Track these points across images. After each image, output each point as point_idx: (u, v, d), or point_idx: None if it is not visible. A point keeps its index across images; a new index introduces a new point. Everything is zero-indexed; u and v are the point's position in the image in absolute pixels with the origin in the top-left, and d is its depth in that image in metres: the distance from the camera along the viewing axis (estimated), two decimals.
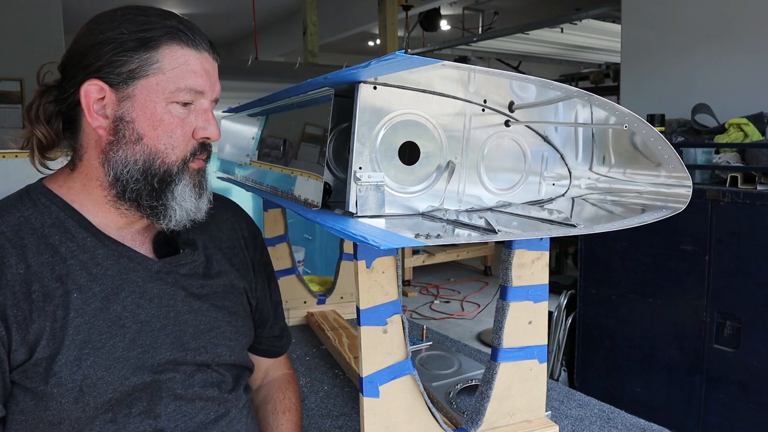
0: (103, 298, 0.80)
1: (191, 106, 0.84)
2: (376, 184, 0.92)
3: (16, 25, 4.71)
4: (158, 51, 0.80)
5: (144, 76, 0.80)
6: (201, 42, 0.84)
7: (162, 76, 0.80)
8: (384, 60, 0.75)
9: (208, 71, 0.84)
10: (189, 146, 0.84)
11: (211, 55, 0.86)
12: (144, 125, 0.81)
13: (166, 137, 0.82)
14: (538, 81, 0.96)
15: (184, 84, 0.81)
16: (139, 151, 0.81)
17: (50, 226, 0.81)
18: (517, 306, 1.03)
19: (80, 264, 0.80)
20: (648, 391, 2.62)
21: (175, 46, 0.81)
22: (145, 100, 0.80)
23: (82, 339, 0.77)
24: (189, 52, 0.82)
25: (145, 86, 0.80)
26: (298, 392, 1.11)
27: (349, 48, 9.43)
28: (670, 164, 0.99)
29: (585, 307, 2.86)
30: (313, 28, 5.23)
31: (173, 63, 0.81)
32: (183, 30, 0.83)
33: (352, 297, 1.90)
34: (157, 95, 0.80)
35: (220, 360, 0.90)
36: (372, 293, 0.93)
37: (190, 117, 0.84)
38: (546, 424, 1.09)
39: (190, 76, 0.82)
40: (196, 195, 0.86)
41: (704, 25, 3.06)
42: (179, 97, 0.81)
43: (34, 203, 0.82)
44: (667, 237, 2.49)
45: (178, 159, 0.83)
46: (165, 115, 0.81)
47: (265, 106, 1.43)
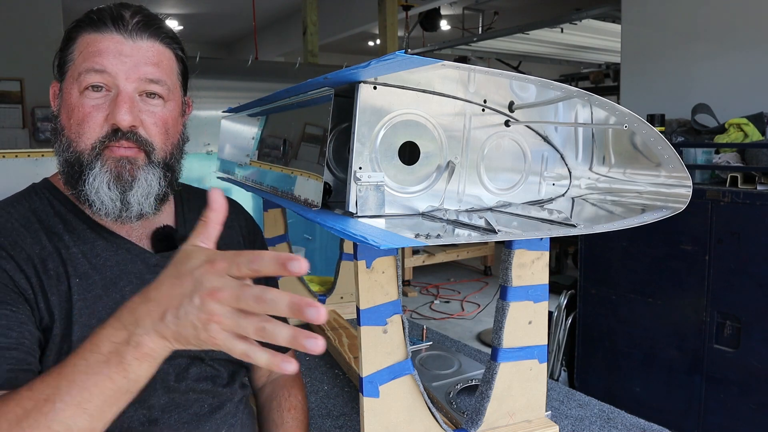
0: (102, 286, 0.81)
1: (110, 93, 0.82)
2: (376, 184, 0.92)
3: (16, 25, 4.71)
4: (74, 43, 0.84)
5: (66, 70, 0.84)
6: (111, 24, 0.82)
7: (73, 66, 0.83)
8: (384, 60, 0.75)
9: (116, 51, 0.82)
10: (101, 133, 0.82)
11: (125, 35, 0.83)
12: (64, 117, 0.84)
13: (76, 125, 0.82)
14: (538, 81, 0.96)
15: (84, 66, 0.81)
16: (64, 142, 0.84)
17: (54, 216, 0.84)
18: (517, 306, 1.03)
19: (81, 253, 0.82)
20: (648, 391, 2.62)
21: (84, 33, 0.83)
22: (66, 92, 0.84)
23: (84, 322, 0.78)
24: (92, 36, 0.83)
25: (66, 79, 0.84)
26: (304, 390, 1.10)
27: (349, 48, 9.43)
28: (670, 164, 0.99)
29: (585, 307, 2.86)
30: (313, 28, 5.23)
31: (80, 50, 0.83)
32: (93, 15, 0.83)
33: (352, 297, 1.90)
34: (71, 85, 0.83)
35: (215, 355, 0.90)
36: (372, 293, 0.93)
37: (105, 104, 0.82)
38: (546, 424, 1.09)
39: (90, 57, 0.82)
40: (116, 187, 0.82)
41: (704, 25, 3.06)
42: (85, 81, 0.81)
43: (40, 197, 0.87)
44: (667, 237, 2.49)
45: (87, 147, 0.82)
46: (77, 103, 0.82)
47: (265, 106, 1.43)
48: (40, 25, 4.77)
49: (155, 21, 0.87)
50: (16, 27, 4.70)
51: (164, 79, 0.85)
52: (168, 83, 0.86)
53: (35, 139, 4.88)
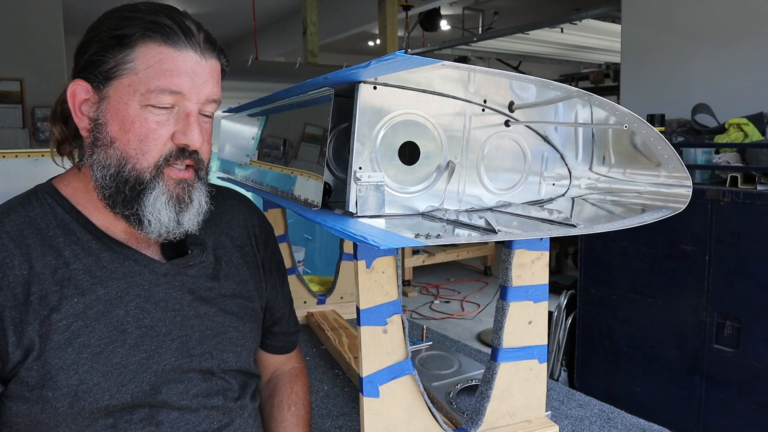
0: (106, 302, 0.78)
1: (174, 109, 0.79)
2: (376, 184, 0.92)
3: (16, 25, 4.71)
4: (134, 49, 0.76)
5: (118, 76, 0.76)
6: (185, 39, 0.78)
7: (134, 77, 0.76)
8: (384, 60, 0.75)
9: (191, 71, 0.78)
10: (164, 150, 0.78)
11: (198, 53, 0.79)
12: (115, 128, 0.77)
13: (137, 141, 0.77)
14: (538, 81, 0.96)
15: (156, 84, 0.76)
16: (112, 155, 0.78)
17: (55, 227, 0.79)
18: (517, 306, 1.03)
19: (84, 267, 0.78)
20: (648, 391, 2.62)
21: (151, 43, 0.76)
22: (118, 101, 0.77)
23: (81, 343, 0.76)
24: (165, 50, 0.77)
25: (119, 87, 0.77)
26: (307, 385, 1.08)
27: (349, 48, 9.43)
28: (670, 164, 0.99)
29: (585, 307, 2.86)
30: (313, 28, 5.24)
31: (147, 62, 0.76)
32: (163, 25, 0.77)
33: (352, 297, 1.90)
34: (130, 97, 0.76)
35: (226, 366, 0.89)
36: (372, 293, 0.93)
37: (171, 121, 0.78)
38: (546, 424, 1.09)
39: (164, 75, 0.76)
40: (173, 209, 0.80)
41: (704, 26, 3.06)
42: (153, 99, 0.76)
43: (41, 203, 0.81)
44: (667, 237, 2.49)
45: (150, 165, 0.78)
46: (137, 118, 0.77)
47: (265, 106, 1.43)
48: (40, 25, 4.77)
49: (214, 38, 0.84)
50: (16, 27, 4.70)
51: (220, 98, 0.84)
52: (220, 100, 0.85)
53: (35, 139, 4.88)
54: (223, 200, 0.99)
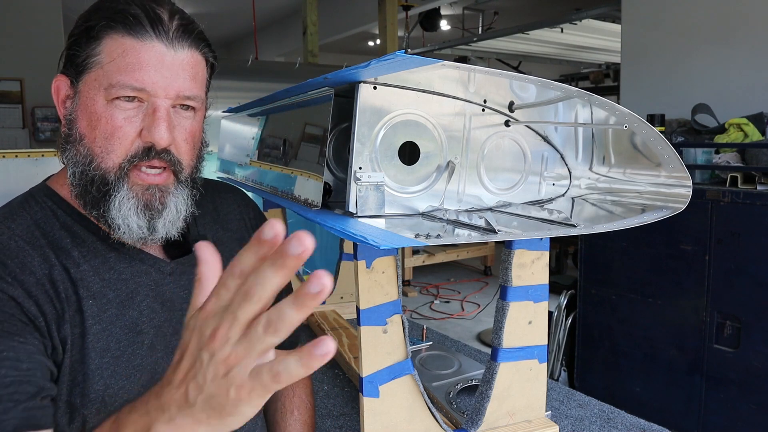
0: (118, 304, 0.76)
1: (143, 105, 0.74)
2: (376, 184, 0.92)
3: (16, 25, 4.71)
4: (100, 42, 0.72)
5: (87, 69, 0.73)
6: (150, 29, 0.72)
7: (100, 71, 0.72)
8: (384, 60, 0.74)
9: (157, 64, 0.73)
10: (130, 150, 0.74)
11: (166, 44, 0.73)
12: (84, 124, 0.74)
13: (102, 139, 0.73)
14: (538, 81, 0.96)
15: (118, 79, 0.71)
16: (81, 152, 0.74)
17: (59, 229, 0.76)
18: (517, 306, 1.03)
19: (93, 269, 0.75)
20: (648, 391, 2.62)
21: (115, 35, 0.72)
22: (86, 96, 0.73)
23: (102, 347, 0.73)
24: (128, 41, 0.72)
25: (87, 81, 0.73)
26: (310, 387, 1.07)
27: (349, 48, 9.43)
28: (670, 164, 0.99)
29: (585, 307, 2.86)
30: (313, 28, 5.24)
31: (111, 55, 0.72)
32: (129, 15, 0.72)
33: (352, 297, 1.90)
34: (97, 91, 0.72)
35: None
36: (372, 293, 0.93)
37: (138, 117, 0.73)
38: (546, 424, 1.09)
39: (126, 69, 0.71)
40: (144, 215, 0.75)
41: (704, 26, 3.06)
42: (117, 93, 0.71)
43: (41, 206, 0.77)
44: (667, 237, 2.49)
45: (114, 165, 0.74)
46: (104, 114, 0.72)
47: (265, 106, 1.43)
48: (40, 25, 4.77)
49: (193, 25, 0.78)
50: (16, 27, 4.70)
51: (200, 94, 0.78)
52: (201, 96, 0.79)
53: (35, 139, 4.88)
54: (218, 194, 0.98)
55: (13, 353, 0.65)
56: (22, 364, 0.65)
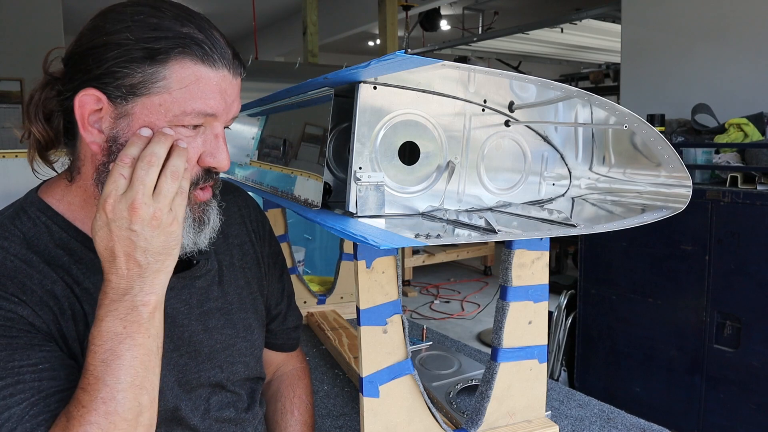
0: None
1: (200, 129, 0.73)
2: (376, 184, 0.92)
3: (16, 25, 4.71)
4: (166, 66, 0.69)
5: (146, 93, 0.69)
6: (220, 57, 0.72)
7: (167, 96, 0.69)
8: (384, 60, 0.74)
9: (224, 91, 0.73)
10: (192, 174, 0.73)
11: (230, 71, 0.73)
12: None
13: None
14: (538, 81, 0.96)
15: (192, 107, 0.70)
16: None
17: (55, 247, 0.73)
18: (517, 306, 1.03)
19: (94, 286, 0.73)
20: (648, 391, 2.62)
21: (188, 61, 0.69)
22: (144, 121, 0.69)
23: None
24: (202, 69, 0.70)
25: (147, 105, 0.69)
26: (309, 387, 1.07)
27: (349, 48, 9.43)
28: (670, 164, 0.99)
29: (585, 307, 2.86)
30: (313, 28, 5.23)
31: (182, 82, 0.69)
32: (199, 42, 0.70)
33: (352, 297, 1.90)
34: (159, 117, 0.69)
35: (236, 378, 0.88)
36: (372, 293, 0.93)
37: (198, 140, 0.73)
38: (546, 424, 1.09)
39: (201, 97, 0.70)
40: (195, 230, 0.76)
41: (704, 25, 3.06)
42: (185, 120, 0.70)
43: (34, 222, 0.74)
44: (667, 237, 2.49)
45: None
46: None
47: (265, 106, 1.43)
48: (40, 25, 4.77)
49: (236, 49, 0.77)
50: (16, 27, 4.70)
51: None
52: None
53: None
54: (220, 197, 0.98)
55: (48, 364, 0.67)
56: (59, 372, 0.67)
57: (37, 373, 0.65)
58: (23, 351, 0.65)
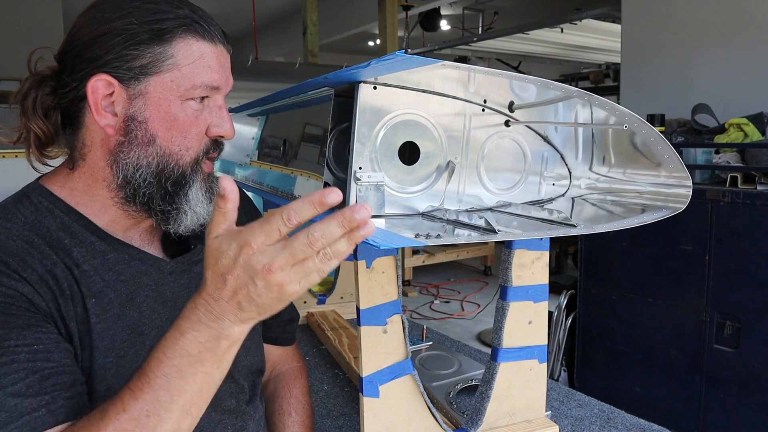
0: (119, 305, 0.76)
1: (206, 101, 0.79)
2: (376, 184, 0.92)
3: (16, 25, 4.71)
4: (172, 44, 0.74)
5: (157, 72, 0.74)
6: (216, 33, 0.78)
7: (177, 72, 0.74)
8: (384, 60, 0.75)
9: (223, 65, 0.79)
10: (202, 145, 0.79)
11: (225, 46, 0.80)
12: (157, 125, 0.75)
13: (180, 138, 0.76)
14: (538, 81, 0.96)
15: (200, 80, 0.76)
16: (152, 153, 0.76)
17: (57, 230, 0.75)
18: (517, 306, 1.03)
19: (93, 269, 0.75)
20: (648, 391, 2.62)
21: (191, 38, 0.75)
22: (159, 98, 0.74)
23: (106, 346, 0.74)
24: (205, 45, 0.76)
25: (159, 83, 0.74)
26: (307, 386, 1.07)
27: (349, 48, 9.43)
28: (670, 164, 0.99)
29: (585, 307, 2.86)
30: (313, 28, 5.24)
31: (189, 57, 0.75)
32: (198, 20, 0.76)
33: (352, 297, 1.90)
34: (172, 93, 0.75)
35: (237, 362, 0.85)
36: (372, 293, 0.93)
37: (204, 113, 0.79)
38: (546, 424, 1.09)
39: (207, 71, 0.76)
40: (207, 200, 0.81)
41: (704, 25, 3.06)
42: (195, 93, 0.76)
43: (36, 207, 0.77)
44: (667, 237, 2.49)
45: (191, 160, 0.78)
46: (180, 113, 0.76)
47: (265, 106, 1.43)
48: (40, 25, 4.77)
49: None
50: (16, 27, 4.70)
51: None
52: None
53: None
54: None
55: (42, 345, 0.67)
56: (53, 354, 0.67)
57: (32, 353, 0.66)
58: (20, 330, 0.66)
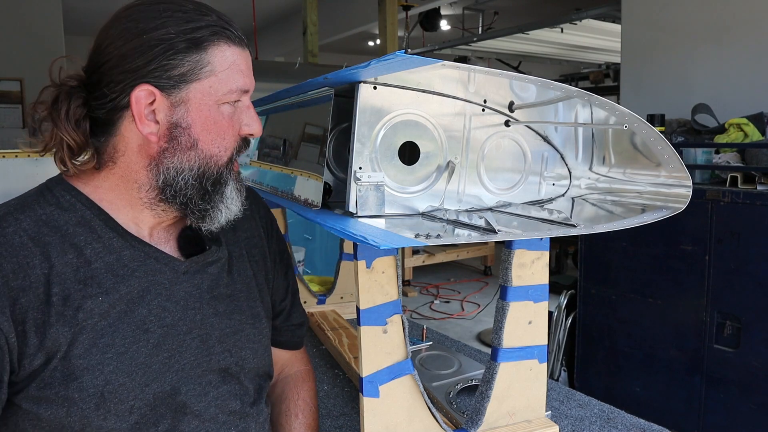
0: (128, 301, 0.78)
1: (236, 104, 0.82)
2: (376, 184, 0.92)
3: (16, 25, 4.71)
4: (208, 51, 0.77)
5: (197, 79, 0.77)
6: (243, 37, 0.82)
7: (214, 78, 0.78)
8: (384, 60, 0.75)
9: (250, 67, 0.83)
10: (235, 144, 0.83)
11: (248, 49, 0.84)
12: (199, 130, 0.79)
13: (219, 140, 0.80)
14: (538, 81, 0.96)
15: (235, 85, 0.80)
16: (194, 156, 0.79)
17: (75, 224, 0.77)
18: (517, 306, 1.03)
19: (106, 266, 0.77)
20: (648, 391, 2.62)
21: (223, 45, 0.79)
22: (200, 104, 0.78)
23: (106, 343, 0.75)
24: (236, 50, 0.80)
25: (199, 89, 0.78)
26: (314, 390, 1.07)
27: (349, 48, 9.43)
28: (670, 164, 0.99)
29: (585, 307, 2.86)
30: (313, 28, 5.23)
31: (224, 64, 0.79)
32: (227, 27, 0.80)
33: (352, 297, 1.90)
34: (210, 98, 0.79)
35: (244, 364, 0.89)
36: (372, 293, 0.93)
37: (236, 114, 0.82)
38: (546, 424, 1.09)
39: (240, 75, 0.80)
40: (240, 196, 0.85)
41: (704, 25, 3.06)
42: (230, 98, 0.80)
43: (57, 200, 0.79)
44: (667, 237, 2.49)
45: (228, 160, 0.83)
46: (218, 117, 0.80)
47: (265, 106, 1.44)
48: (40, 25, 4.77)
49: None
50: (16, 27, 4.70)
51: None
52: None
53: None
54: None
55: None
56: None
57: None
58: None
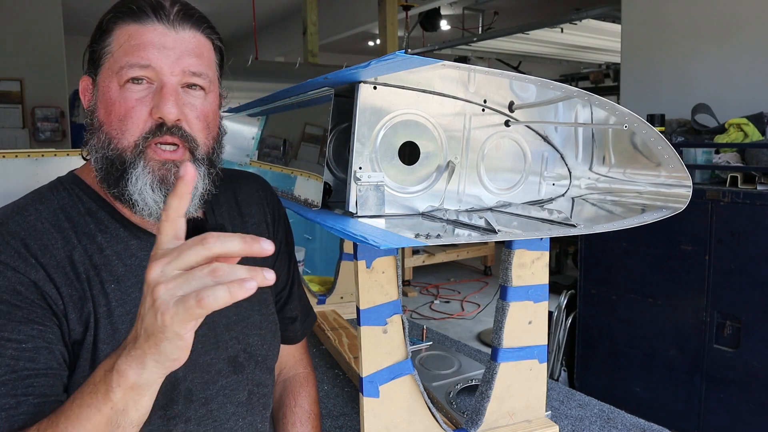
0: (139, 290, 0.77)
1: (152, 85, 0.78)
2: (376, 184, 0.92)
3: (16, 25, 4.71)
4: (111, 34, 0.78)
5: (103, 63, 0.79)
6: (152, 14, 0.78)
7: (111, 59, 0.78)
8: (384, 60, 0.75)
9: (160, 44, 0.77)
10: (145, 128, 0.77)
11: (167, 26, 0.78)
12: (102, 112, 0.79)
13: (117, 121, 0.77)
14: (538, 81, 0.96)
15: (126, 61, 0.76)
16: (101, 138, 0.79)
17: (84, 214, 0.80)
18: (517, 306, 1.03)
19: (116, 255, 0.79)
20: (648, 391, 2.62)
21: (122, 24, 0.78)
22: (103, 86, 0.79)
23: (127, 329, 0.75)
24: (133, 26, 0.77)
25: (103, 72, 0.79)
26: (314, 395, 1.05)
27: (349, 48, 9.43)
28: (670, 164, 0.99)
29: (585, 307, 2.86)
30: (313, 28, 5.23)
31: (119, 42, 0.78)
32: (128, 4, 0.78)
33: (352, 297, 1.90)
34: (110, 78, 0.78)
35: (253, 351, 0.89)
36: (372, 293, 0.93)
37: (149, 97, 0.78)
38: (546, 424, 1.09)
39: (133, 51, 0.76)
40: (159, 190, 0.78)
41: (704, 25, 3.06)
42: (126, 74, 0.76)
43: (68, 192, 0.82)
44: (667, 237, 2.49)
45: (130, 144, 0.77)
46: (117, 98, 0.77)
47: (265, 106, 1.44)
48: (40, 25, 4.77)
49: (195, 10, 0.83)
50: (16, 27, 4.70)
51: (206, 72, 0.81)
52: (209, 75, 0.82)
53: (35, 139, 4.88)
54: (237, 181, 0.98)
55: (32, 344, 0.69)
56: (40, 355, 0.69)
57: (19, 351, 0.68)
58: (17, 324, 0.69)
